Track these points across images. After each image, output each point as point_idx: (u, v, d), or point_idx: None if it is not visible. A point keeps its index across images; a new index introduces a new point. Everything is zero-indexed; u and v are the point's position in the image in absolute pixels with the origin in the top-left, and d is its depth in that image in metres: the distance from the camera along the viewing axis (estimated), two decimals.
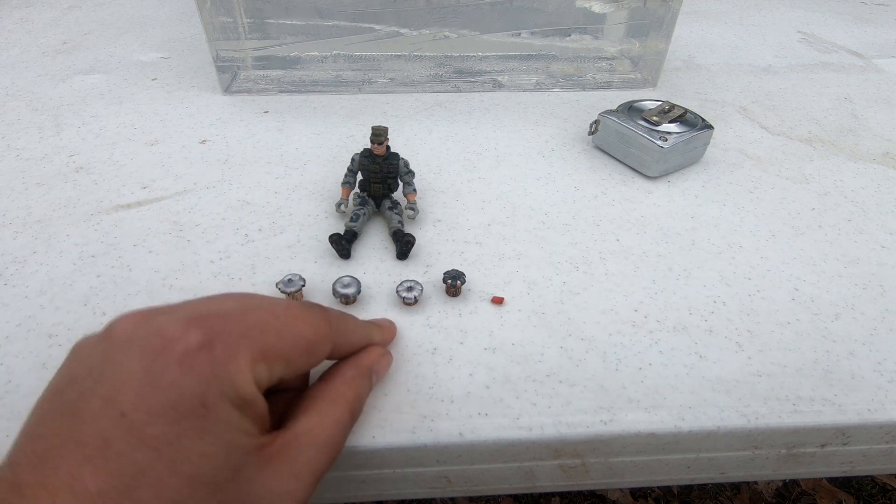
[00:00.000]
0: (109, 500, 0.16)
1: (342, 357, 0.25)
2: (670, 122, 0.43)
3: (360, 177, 0.38)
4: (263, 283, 0.33)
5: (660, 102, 0.45)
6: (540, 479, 0.28)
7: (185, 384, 0.18)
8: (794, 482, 1.11)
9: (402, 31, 0.51)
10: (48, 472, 0.17)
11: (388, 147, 0.36)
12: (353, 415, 0.24)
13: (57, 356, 0.29)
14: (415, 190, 0.37)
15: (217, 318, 0.20)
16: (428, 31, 0.52)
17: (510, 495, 1.06)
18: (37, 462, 0.17)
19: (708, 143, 0.44)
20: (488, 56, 0.54)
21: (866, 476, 1.10)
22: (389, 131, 0.37)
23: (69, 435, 0.17)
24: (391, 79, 0.54)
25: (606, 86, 0.55)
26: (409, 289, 0.31)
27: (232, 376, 0.19)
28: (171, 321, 0.19)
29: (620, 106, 0.45)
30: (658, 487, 1.10)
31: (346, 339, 0.25)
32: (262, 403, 0.20)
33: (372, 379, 0.26)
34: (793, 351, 0.30)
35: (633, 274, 0.34)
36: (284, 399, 0.24)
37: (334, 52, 0.53)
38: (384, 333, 0.28)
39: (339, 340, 0.24)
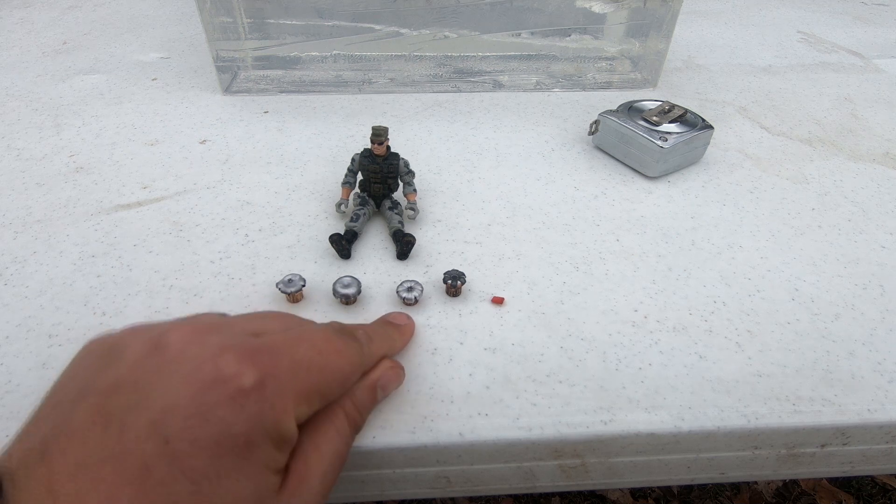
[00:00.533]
0: None
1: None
2: (670, 122, 0.43)
3: (360, 177, 0.38)
4: (263, 283, 0.33)
5: (660, 102, 0.45)
6: (540, 479, 0.28)
7: (233, 422, 0.18)
8: (794, 482, 1.11)
9: (402, 31, 0.51)
10: (86, 486, 0.16)
11: (388, 147, 0.36)
12: (354, 425, 0.24)
13: (57, 356, 0.29)
14: (415, 190, 0.37)
15: (269, 356, 0.20)
16: (428, 31, 0.52)
17: (510, 495, 1.06)
18: (75, 471, 0.17)
19: (708, 144, 0.44)
20: (488, 56, 0.54)
21: (866, 476, 1.10)
22: (389, 131, 0.37)
23: (111, 452, 0.17)
24: (391, 79, 0.54)
25: (606, 86, 0.55)
26: (410, 289, 0.31)
27: (278, 417, 0.19)
28: (225, 350, 0.19)
29: (620, 106, 0.45)
30: (658, 487, 1.10)
31: (372, 361, 0.26)
32: (296, 437, 0.21)
33: (377, 393, 0.26)
34: (793, 351, 0.30)
35: (633, 274, 0.34)
36: None
37: (334, 52, 0.53)
38: (403, 335, 0.29)
39: (367, 366, 0.25)
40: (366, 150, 0.37)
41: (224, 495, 0.18)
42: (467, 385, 0.28)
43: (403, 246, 0.35)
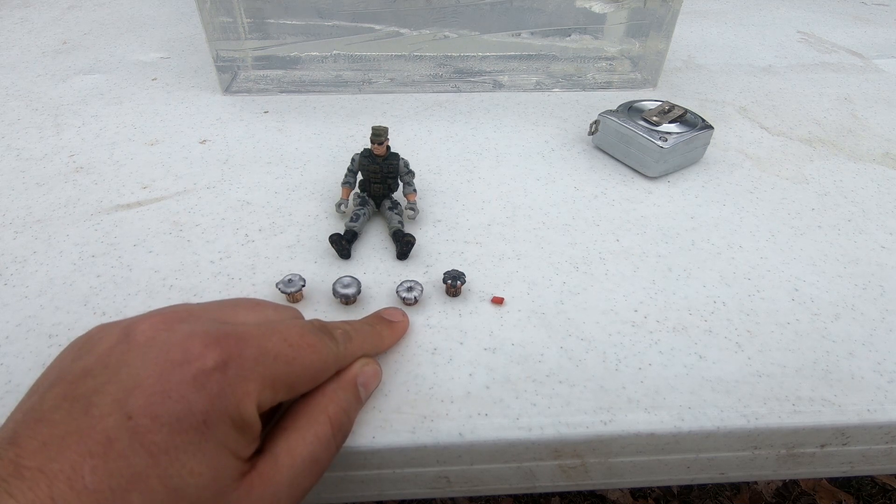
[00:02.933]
0: (102, 498, 0.17)
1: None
2: (670, 122, 0.43)
3: (360, 177, 0.38)
4: (263, 283, 0.33)
5: (660, 102, 0.45)
6: (540, 479, 0.28)
7: (193, 400, 0.19)
8: (794, 482, 1.11)
9: (402, 31, 0.51)
10: (50, 460, 0.17)
11: (388, 147, 0.36)
12: (337, 429, 0.24)
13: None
14: (415, 190, 0.37)
15: (236, 341, 0.21)
16: (428, 31, 0.52)
17: (510, 495, 1.06)
18: (40, 447, 0.17)
19: (708, 144, 0.44)
20: (488, 56, 0.54)
21: (866, 476, 1.10)
22: (389, 131, 0.37)
23: (76, 427, 0.18)
24: (391, 79, 0.54)
25: (606, 86, 0.55)
26: (409, 289, 0.31)
27: (238, 399, 0.20)
28: (193, 336, 0.20)
29: (620, 106, 0.45)
30: (658, 487, 1.10)
31: (348, 361, 0.25)
32: (258, 425, 0.21)
33: (359, 392, 0.25)
34: (792, 351, 0.30)
35: (632, 274, 0.34)
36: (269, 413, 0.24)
37: (334, 52, 0.53)
38: (394, 332, 0.29)
39: (342, 364, 0.25)
40: (366, 150, 0.37)
41: (181, 469, 0.18)
42: (467, 385, 0.28)
43: (403, 246, 0.35)
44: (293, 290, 0.31)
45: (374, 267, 0.34)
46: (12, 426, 0.18)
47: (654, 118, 0.43)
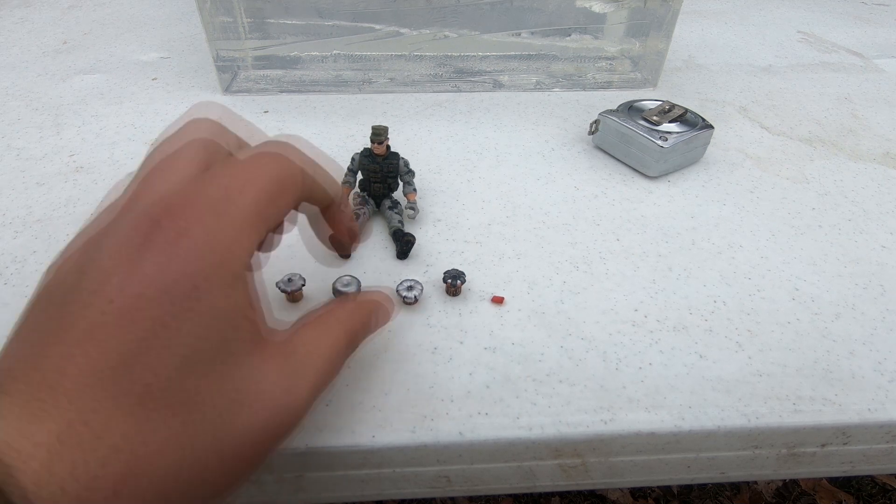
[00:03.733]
0: (106, 378, 0.16)
1: (310, 194, 0.24)
2: (670, 121, 0.43)
3: (360, 176, 0.38)
4: (264, 281, 0.33)
5: (660, 102, 0.45)
6: (540, 478, 0.28)
7: (171, 268, 0.18)
8: (794, 482, 1.11)
9: (402, 30, 0.51)
10: (39, 357, 0.16)
11: (388, 147, 0.36)
12: (350, 341, 0.24)
13: None
14: (415, 189, 0.37)
15: (180, 207, 0.19)
16: (428, 31, 0.52)
17: (510, 495, 1.06)
18: (28, 352, 0.17)
19: (708, 143, 0.44)
20: (488, 56, 0.54)
21: (866, 476, 1.10)
22: (389, 131, 0.37)
23: (59, 322, 0.17)
24: (391, 79, 0.54)
25: (606, 86, 0.55)
26: (410, 288, 0.31)
27: (218, 255, 0.19)
28: (142, 217, 0.19)
29: (620, 106, 0.45)
30: (658, 487, 1.10)
31: (312, 169, 0.24)
32: (251, 277, 0.20)
33: (371, 318, 0.25)
34: (793, 351, 0.30)
35: (633, 274, 0.34)
36: None
37: (334, 51, 0.53)
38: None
39: (305, 169, 0.23)
40: (366, 149, 0.37)
41: (183, 339, 0.17)
42: (467, 384, 0.28)
43: (403, 245, 0.35)
44: (293, 289, 0.31)
45: (374, 266, 0.34)
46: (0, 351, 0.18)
47: (655, 118, 0.43)
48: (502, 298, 0.32)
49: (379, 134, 0.35)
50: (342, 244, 0.30)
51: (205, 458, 0.18)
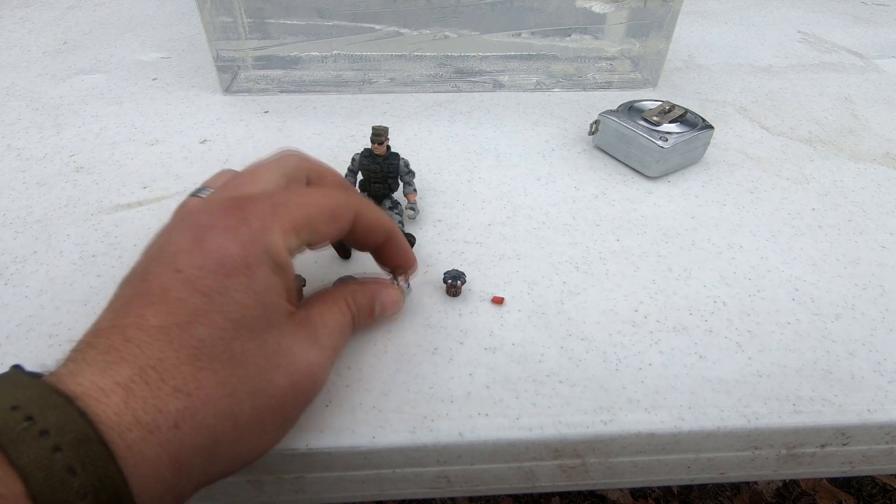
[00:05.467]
0: (171, 332, 0.20)
1: (367, 231, 0.27)
2: (670, 122, 0.43)
3: (360, 177, 0.38)
4: None
5: (660, 102, 0.45)
6: (540, 479, 0.28)
7: (229, 247, 0.22)
8: (794, 482, 1.11)
9: (403, 31, 0.51)
10: (120, 318, 0.20)
11: (388, 147, 0.36)
12: (354, 319, 0.27)
13: (57, 356, 0.29)
14: (415, 190, 0.37)
15: (249, 201, 0.24)
16: (428, 31, 0.52)
17: (510, 495, 1.06)
18: (112, 315, 0.21)
19: (708, 144, 0.44)
20: (488, 56, 0.54)
21: (866, 476, 1.10)
22: (390, 131, 0.37)
23: (136, 291, 0.21)
24: (391, 79, 0.54)
25: (606, 86, 0.55)
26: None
27: (268, 244, 0.22)
28: (214, 206, 0.24)
29: (621, 106, 0.45)
30: (658, 487, 1.10)
31: (369, 210, 0.27)
32: (292, 270, 0.24)
33: (374, 304, 0.28)
34: (793, 351, 0.30)
35: (633, 274, 0.34)
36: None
37: (334, 52, 0.53)
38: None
39: (362, 209, 0.27)
40: (366, 149, 0.37)
41: (234, 306, 0.21)
42: (467, 385, 0.28)
43: None
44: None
45: (374, 267, 0.34)
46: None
47: (655, 118, 0.43)
48: (502, 299, 0.32)
49: (379, 134, 0.35)
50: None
51: (244, 409, 0.21)
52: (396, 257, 0.30)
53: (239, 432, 0.21)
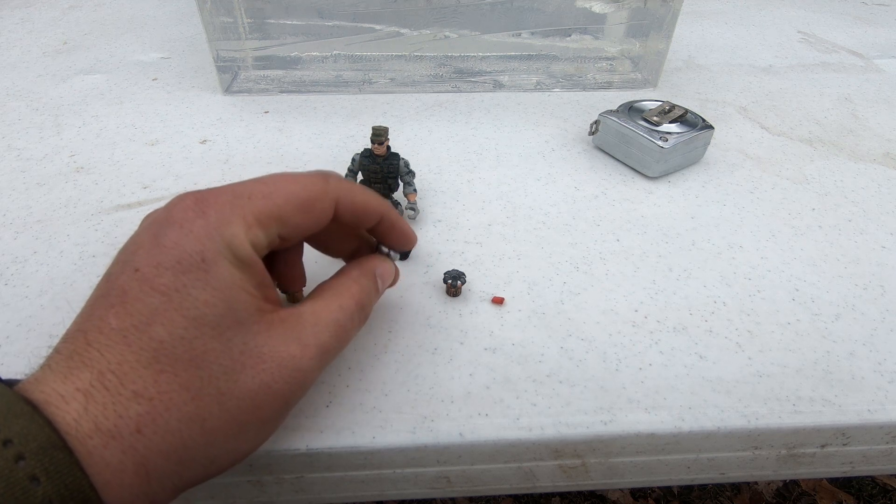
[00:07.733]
0: (130, 335, 0.19)
1: (355, 218, 0.26)
2: (670, 122, 0.43)
3: (360, 177, 0.38)
4: None
5: (660, 102, 0.45)
6: (540, 479, 0.28)
7: (185, 243, 0.21)
8: (795, 482, 1.11)
9: (403, 31, 0.51)
10: (83, 321, 0.20)
11: (388, 147, 0.36)
12: (360, 307, 0.26)
13: None
14: (415, 190, 0.37)
15: (209, 193, 0.23)
16: (428, 31, 0.52)
17: (510, 495, 1.06)
18: (78, 319, 0.21)
19: (708, 144, 0.44)
20: (488, 56, 0.54)
21: (866, 476, 1.10)
22: (390, 131, 0.37)
23: (100, 292, 0.21)
24: (391, 79, 0.54)
25: (607, 86, 0.55)
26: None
27: (227, 238, 0.22)
28: (176, 202, 0.23)
29: (621, 106, 0.45)
30: (658, 487, 1.10)
31: (351, 196, 0.26)
32: (260, 266, 0.23)
33: (377, 281, 0.27)
34: (793, 351, 0.30)
35: (633, 274, 0.34)
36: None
37: (334, 52, 0.53)
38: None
39: (343, 197, 0.25)
40: (366, 150, 0.37)
41: (194, 303, 0.20)
42: (467, 385, 0.28)
43: None
44: (293, 290, 0.31)
45: None
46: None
47: (655, 118, 0.43)
48: (502, 299, 0.32)
49: (379, 134, 0.35)
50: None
51: (211, 411, 0.20)
52: (392, 238, 0.28)
53: (209, 436, 0.20)
